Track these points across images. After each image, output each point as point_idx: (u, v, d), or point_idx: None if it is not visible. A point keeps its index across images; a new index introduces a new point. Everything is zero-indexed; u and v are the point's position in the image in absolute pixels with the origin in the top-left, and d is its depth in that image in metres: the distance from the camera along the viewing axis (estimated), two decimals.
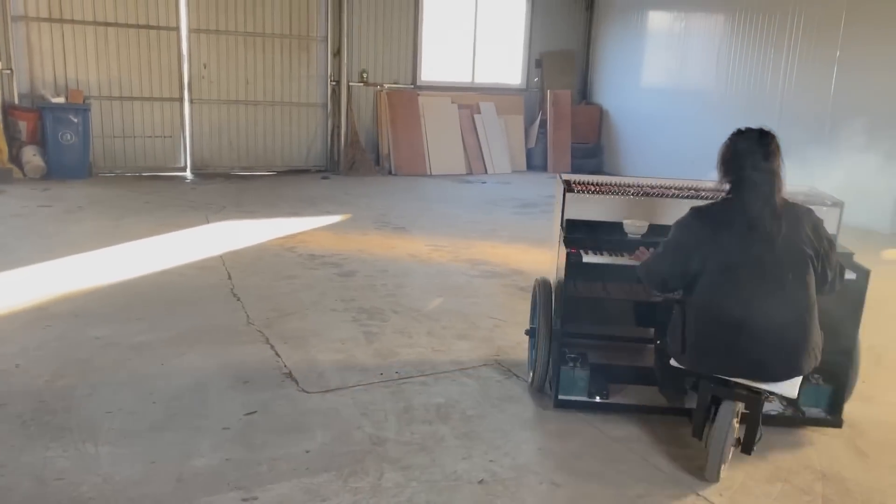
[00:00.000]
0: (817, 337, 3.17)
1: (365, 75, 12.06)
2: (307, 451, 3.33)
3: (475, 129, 12.60)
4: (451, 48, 12.84)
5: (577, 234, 3.95)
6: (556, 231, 4.14)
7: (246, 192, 9.72)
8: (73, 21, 10.12)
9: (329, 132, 11.98)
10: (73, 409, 3.60)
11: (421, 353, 4.55)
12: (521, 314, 5.34)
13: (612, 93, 13.43)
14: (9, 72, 9.86)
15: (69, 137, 9.83)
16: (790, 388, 3.15)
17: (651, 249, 3.51)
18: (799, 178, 3.91)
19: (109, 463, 3.15)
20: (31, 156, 9.77)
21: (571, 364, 3.87)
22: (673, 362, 3.30)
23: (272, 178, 11.12)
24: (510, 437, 3.55)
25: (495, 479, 3.18)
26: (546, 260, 6.69)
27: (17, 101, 9.94)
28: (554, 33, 13.42)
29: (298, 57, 11.61)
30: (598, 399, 3.86)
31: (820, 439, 3.67)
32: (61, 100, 9.91)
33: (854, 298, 3.67)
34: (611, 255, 3.77)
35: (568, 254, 3.70)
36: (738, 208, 3.17)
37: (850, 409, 3.84)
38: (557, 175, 4.52)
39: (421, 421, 3.67)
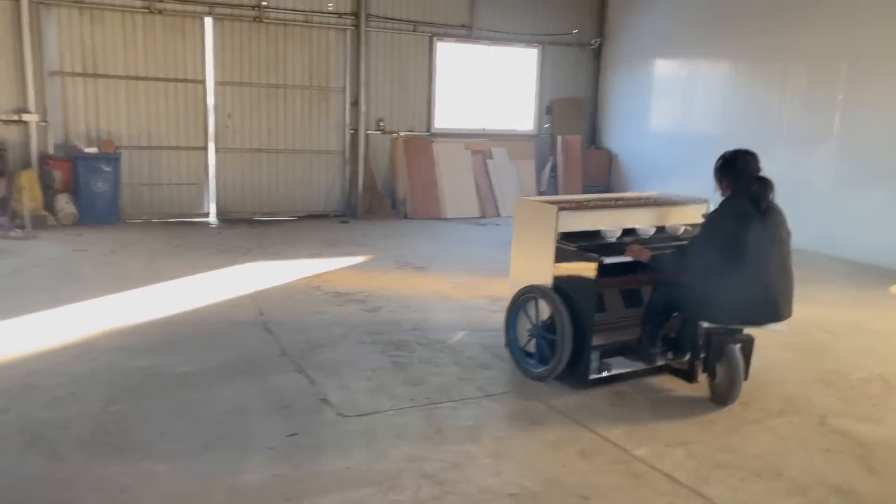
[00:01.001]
0: None
1: (381, 124, 12.50)
2: (348, 468, 3.55)
3: (488, 173, 12.98)
4: (464, 97, 13.31)
5: (574, 242, 4.73)
6: (535, 245, 4.89)
7: (269, 236, 10.06)
8: (105, 76, 10.63)
9: (347, 178, 12.38)
10: (129, 432, 3.84)
11: (448, 380, 4.78)
12: None
13: (620, 137, 13.84)
14: (45, 124, 10.34)
15: (100, 185, 10.25)
16: (783, 325, 4.43)
17: (640, 246, 4.64)
18: (812, 215, 4.67)
19: (167, 479, 3.38)
20: (64, 203, 10.17)
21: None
22: (704, 324, 4.45)
23: (293, 223, 11.48)
24: (538, 455, 3.77)
25: (526, 492, 3.39)
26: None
27: (51, 152, 10.39)
28: (563, 81, 13.89)
29: (318, 107, 12.07)
30: (605, 374, 4.73)
31: (833, 458, 3.86)
32: (94, 150, 10.36)
33: None
34: (616, 255, 4.61)
35: (597, 259, 4.47)
36: (750, 202, 4.38)
37: (862, 430, 4.04)
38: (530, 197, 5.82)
39: (452, 441, 3.89)
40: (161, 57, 10.88)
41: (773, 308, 4.34)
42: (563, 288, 4.66)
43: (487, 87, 13.46)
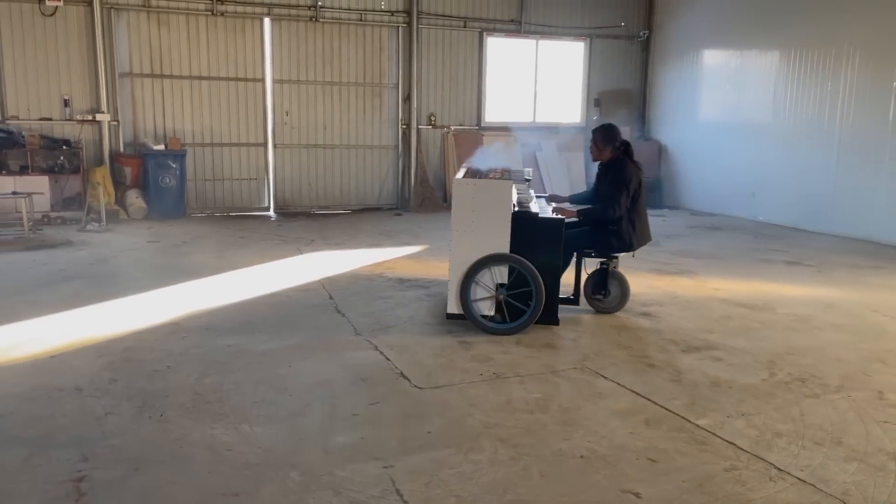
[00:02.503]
0: None
1: (433, 118, 12.80)
2: (429, 432, 3.83)
3: (537, 165, 13.17)
4: (514, 90, 13.52)
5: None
6: (489, 219, 5.45)
7: (328, 228, 10.43)
8: (171, 76, 11.14)
9: (400, 172, 12.71)
10: (224, 400, 4.19)
11: (513, 358, 5.03)
12: (601, 327, 5.80)
13: (669, 128, 13.89)
14: (115, 123, 10.90)
15: (168, 181, 10.76)
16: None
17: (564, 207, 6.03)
18: (866, 203, 4.54)
19: (265, 439, 3.71)
20: (134, 198, 10.71)
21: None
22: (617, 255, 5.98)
23: (349, 216, 11.85)
24: (605, 424, 3.99)
25: (595, 455, 3.63)
26: None
27: (122, 149, 10.94)
28: (611, 73, 14.01)
29: (371, 103, 12.43)
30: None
31: (892, 429, 4.00)
32: (161, 147, 10.87)
33: None
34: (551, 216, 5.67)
35: (561, 220, 5.58)
36: (631, 160, 5.88)
37: None
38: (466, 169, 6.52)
39: (523, 411, 4.14)
40: (223, 57, 11.35)
41: (649, 234, 5.99)
42: (524, 250, 5.42)
43: (536, 81, 13.64)
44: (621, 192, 5.68)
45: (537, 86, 13.67)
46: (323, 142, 12.20)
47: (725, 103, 12.61)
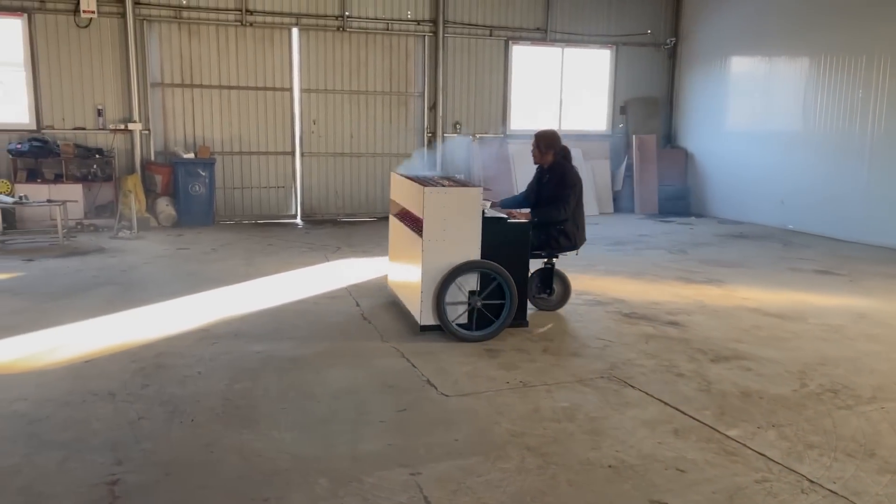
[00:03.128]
0: None
1: (458, 127, 12.85)
2: (456, 440, 3.84)
3: None
4: (539, 98, 13.52)
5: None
6: (456, 226, 5.47)
7: (354, 235, 10.50)
8: (201, 86, 11.32)
9: None
10: (254, 406, 4.24)
11: (540, 367, 5.03)
12: (628, 336, 5.77)
13: (697, 136, 13.78)
14: (147, 132, 11.09)
15: (197, 189, 10.92)
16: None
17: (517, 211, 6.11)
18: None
19: (294, 445, 3.74)
20: (164, 206, 10.87)
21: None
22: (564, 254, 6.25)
23: (375, 223, 11.92)
24: (633, 433, 3.97)
25: (624, 465, 3.61)
26: (644, 289, 7.11)
27: (153, 158, 11.13)
28: (638, 81, 13.95)
29: (398, 112, 12.51)
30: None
31: None
32: (191, 155, 11.04)
33: None
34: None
35: (528, 225, 5.76)
36: (572, 166, 6.18)
37: None
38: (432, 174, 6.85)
39: (550, 420, 4.14)
40: (252, 67, 11.51)
41: (585, 235, 6.29)
42: (493, 255, 5.49)
43: (561, 89, 13.62)
44: (569, 193, 5.98)
45: (563, 94, 13.65)
46: (349, 150, 12.30)
47: (754, 110, 12.48)
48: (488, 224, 5.52)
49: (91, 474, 3.39)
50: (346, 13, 11.83)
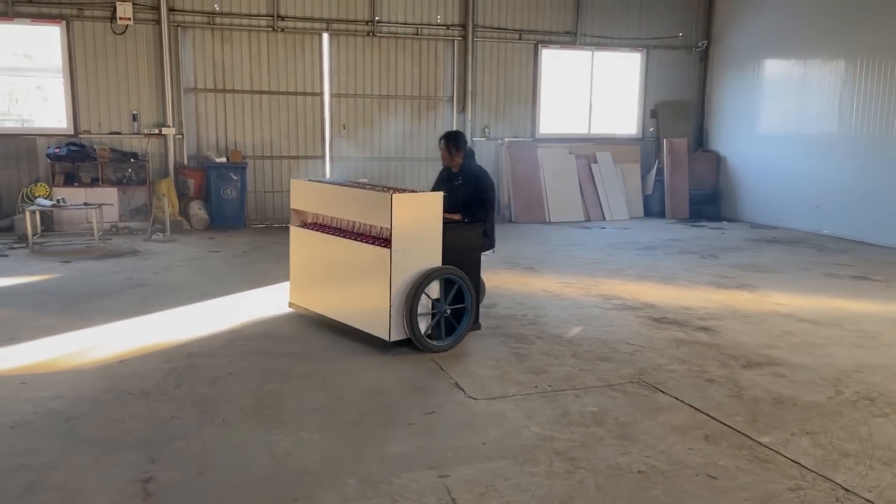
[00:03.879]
0: None
1: (487, 130, 12.84)
2: (484, 443, 3.84)
3: (592, 177, 13.08)
4: (569, 102, 13.47)
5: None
6: (417, 231, 5.23)
7: None
8: (233, 91, 11.48)
9: None
10: (284, 406, 4.28)
11: (569, 371, 5.00)
12: (658, 341, 5.72)
13: (728, 139, 13.61)
14: (180, 136, 11.27)
15: (229, 193, 11.06)
16: None
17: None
18: None
19: (323, 446, 3.77)
20: (196, 209, 11.03)
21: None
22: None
23: None
24: (663, 439, 3.93)
25: (654, 470, 3.57)
26: (674, 294, 7.06)
27: (186, 162, 11.30)
28: (669, 84, 13.83)
29: (426, 116, 12.55)
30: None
31: None
32: (223, 160, 11.19)
33: None
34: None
35: (482, 226, 5.82)
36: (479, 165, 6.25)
37: None
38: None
39: (579, 424, 4.11)
40: (283, 72, 11.63)
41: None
42: (449, 260, 5.33)
43: (591, 92, 13.56)
44: (493, 195, 6.04)
45: (592, 97, 13.58)
46: (378, 154, 12.36)
47: (787, 113, 12.29)
48: (446, 228, 5.35)
49: (125, 472, 3.45)
50: (377, 18, 11.90)
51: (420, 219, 5.21)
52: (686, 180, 13.38)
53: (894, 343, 5.77)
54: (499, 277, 8.00)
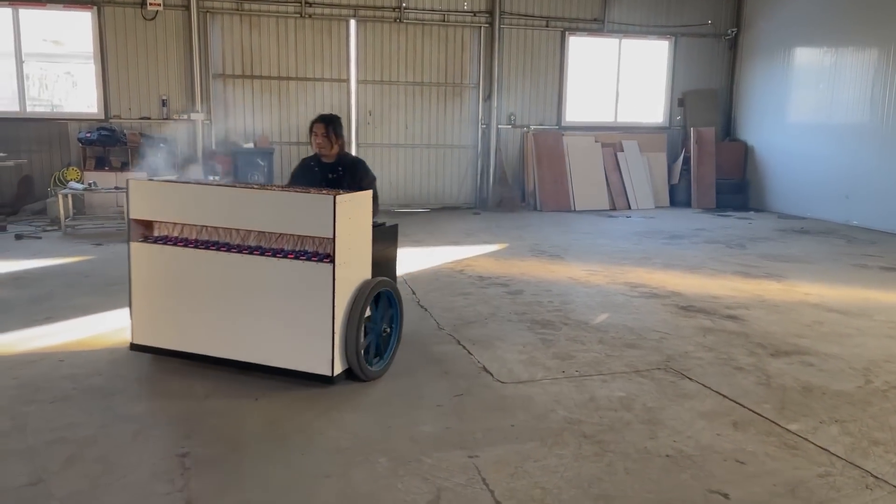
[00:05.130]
0: None
1: (513, 118, 12.82)
2: (512, 426, 3.88)
3: (618, 166, 13.02)
4: (595, 90, 13.39)
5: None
6: (356, 235, 4.38)
7: (409, 226, 10.58)
8: (261, 77, 11.56)
9: (479, 172, 12.79)
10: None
11: (595, 357, 5.02)
12: (685, 328, 5.72)
13: (757, 129, 13.46)
14: (208, 122, 11.38)
15: (256, 178, 11.16)
16: None
17: None
18: None
19: (354, 425, 3.84)
20: None
21: None
22: None
23: (428, 214, 12.01)
24: (691, 424, 3.95)
25: (682, 455, 3.59)
26: (701, 283, 7.03)
27: (214, 147, 11.42)
28: (696, 72, 13.69)
29: (452, 103, 12.55)
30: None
31: None
32: (251, 145, 11.29)
33: None
34: None
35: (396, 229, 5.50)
36: None
37: None
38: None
39: (606, 409, 4.14)
40: (310, 58, 11.70)
41: None
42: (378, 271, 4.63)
43: (618, 80, 13.47)
44: (374, 183, 5.30)
45: (619, 85, 13.49)
46: (404, 141, 12.40)
47: (818, 103, 12.12)
48: (380, 232, 4.79)
49: (162, 447, 3.54)
50: (404, 4, 11.91)
51: (357, 224, 4.33)
52: (713, 170, 13.26)
53: None
54: (524, 264, 8.04)
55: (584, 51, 13.17)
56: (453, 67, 12.44)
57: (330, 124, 5.24)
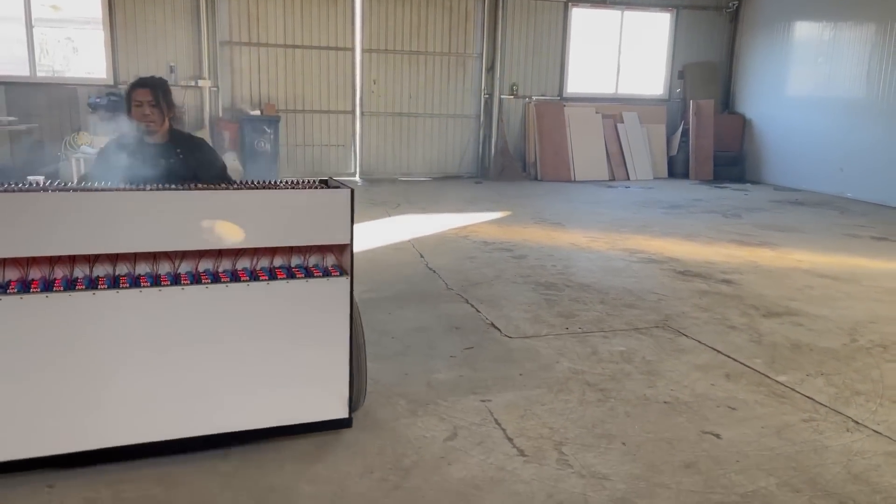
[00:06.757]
0: None
1: (515, 88, 12.98)
2: (521, 374, 4.17)
3: (618, 137, 13.22)
4: (596, 61, 13.54)
5: None
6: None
7: (413, 194, 10.84)
8: (267, 44, 11.68)
9: (481, 141, 12.99)
10: None
11: (597, 315, 5.31)
12: (682, 291, 6.00)
13: (755, 102, 13.65)
14: (215, 89, 11.53)
15: (263, 145, 11.35)
16: None
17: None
18: None
19: (374, 372, 4.08)
20: (231, 161, 11.32)
21: None
22: None
23: (431, 183, 12.23)
24: (686, 375, 4.24)
25: (679, 402, 3.89)
26: (698, 250, 7.28)
27: (221, 114, 11.58)
28: (697, 45, 13.84)
29: (455, 73, 12.70)
30: None
31: None
32: (257, 112, 11.45)
33: None
34: None
35: None
36: None
37: None
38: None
39: (608, 361, 4.43)
40: (316, 26, 11.82)
41: None
42: None
43: (619, 52, 13.61)
44: (225, 168, 4.27)
45: (621, 57, 13.64)
46: (408, 110, 12.56)
47: (816, 77, 12.31)
48: None
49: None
50: None
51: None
52: (711, 142, 13.47)
53: None
54: (527, 231, 8.30)
55: (586, 22, 13.29)
56: (457, 37, 12.57)
57: (158, 89, 3.92)
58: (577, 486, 3.01)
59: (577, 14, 13.15)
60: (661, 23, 13.73)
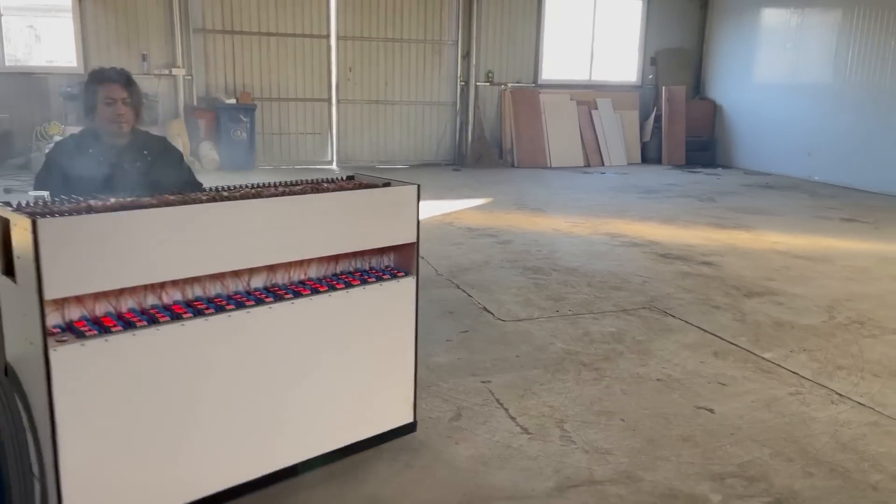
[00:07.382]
0: None
1: (491, 75, 13.04)
2: (517, 356, 4.27)
3: (592, 124, 13.37)
4: (570, 48, 13.66)
5: None
6: None
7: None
8: (241, 32, 11.57)
9: (457, 128, 13.04)
10: None
11: (585, 298, 5.43)
12: (665, 273, 6.15)
13: (725, 88, 13.91)
14: (189, 77, 11.40)
15: (239, 134, 11.27)
16: None
17: None
18: None
19: None
20: (207, 150, 11.25)
21: None
22: None
23: (408, 170, 12.25)
24: (676, 354, 4.38)
25: (671, 378, 4.02)
26: (677, 233, 7.42)
27: (195, 103, 11.46)
28: (669, 32, 14.03)
29: (431, 60, 12.72)
30: None
31: None
32: (233, 101, 11.36)
33: None
34: None
35: None
36: None
37: None
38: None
39: (600, 342, 4.55)
40: (290, 14, 11.73)
41: None
42: None
43: (593, 39, 13.74)
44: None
45: (594, 44, 13.77)
46: (384, 98, 12.55)
47: (784, 63, 12.58)
48: None
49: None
50: None
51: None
52: (683, 128, 13.70)
53: (882, 276, 6.23)
54: (510, 217, 8.39)
55: (560, 8, 13.38)
56: (432, 25, 12.57)
57: (132, 85, 3.53)
58: (583, 461, 3.12)
59: (551, 1, 13.23)
60: (633, 9, 13.88)
